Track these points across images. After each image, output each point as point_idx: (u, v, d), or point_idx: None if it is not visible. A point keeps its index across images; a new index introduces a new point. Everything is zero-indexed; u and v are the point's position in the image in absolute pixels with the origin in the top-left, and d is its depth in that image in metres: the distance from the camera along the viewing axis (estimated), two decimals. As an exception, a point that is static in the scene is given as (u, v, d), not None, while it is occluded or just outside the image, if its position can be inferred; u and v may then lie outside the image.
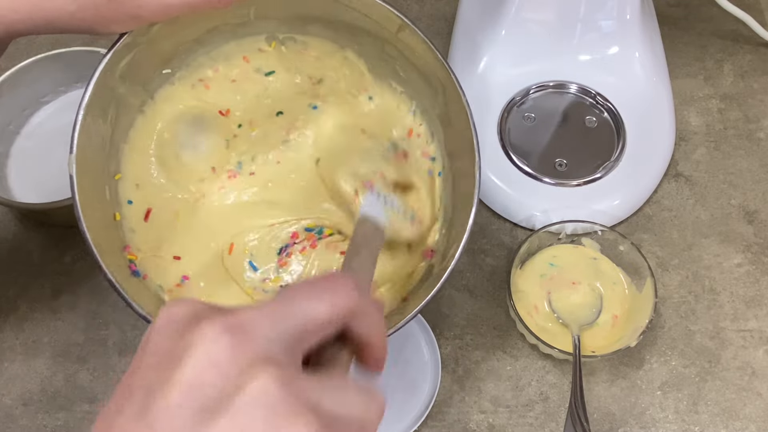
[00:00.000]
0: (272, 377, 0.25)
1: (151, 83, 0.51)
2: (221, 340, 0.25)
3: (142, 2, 0.41)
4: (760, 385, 0.57)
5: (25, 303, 0.60)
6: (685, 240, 0.63)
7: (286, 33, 0.53)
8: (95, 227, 0.44)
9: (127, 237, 0.50)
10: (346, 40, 0.53)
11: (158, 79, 0.51)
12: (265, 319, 0.26)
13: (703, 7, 0.76)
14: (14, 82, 0.63)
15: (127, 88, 0.48)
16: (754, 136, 0.69)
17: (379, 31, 0.50)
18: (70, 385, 0.57)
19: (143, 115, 0.51)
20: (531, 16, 0.67)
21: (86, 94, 0.44)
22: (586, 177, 0.64)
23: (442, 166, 0.53)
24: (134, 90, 0.50)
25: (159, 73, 0.51)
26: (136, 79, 0.49)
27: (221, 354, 0.25)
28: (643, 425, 0.55)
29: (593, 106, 0.68)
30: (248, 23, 0.52)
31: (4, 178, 0.63)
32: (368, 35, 0.51)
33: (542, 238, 0.60)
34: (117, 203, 0.49)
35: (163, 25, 0.46)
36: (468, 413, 0.56)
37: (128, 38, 0.45)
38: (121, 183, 0.50)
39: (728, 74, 0.72)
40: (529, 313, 0.57)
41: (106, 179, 0.48)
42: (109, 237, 0.47)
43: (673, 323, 0.59)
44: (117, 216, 0.49)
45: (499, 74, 0.68)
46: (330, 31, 0.52)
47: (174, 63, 0.52)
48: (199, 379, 0.24)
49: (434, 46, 0.48)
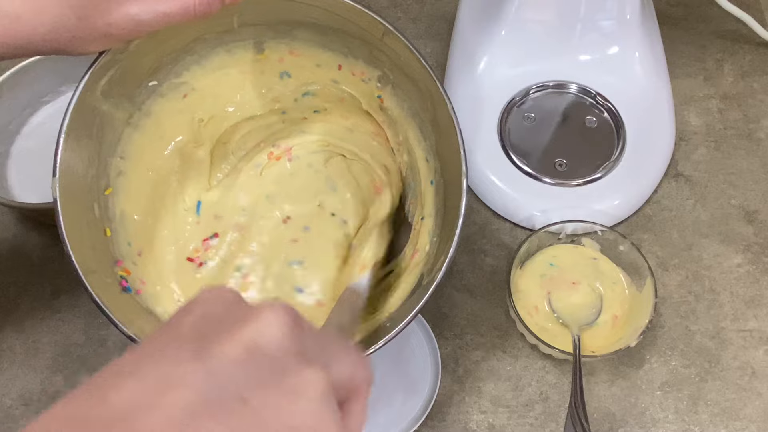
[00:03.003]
0: (326, 380, 0.25)
1: (138, 96, 0.50)
2: (286, 318, 0.25)
3: (112, 21, 0.40)
4: (760, 385, 0.57)
5: (25, 303, 0.61)
6: (685, 240, 0.63)
7: (273, 38, 0.53)
8: (84, 248, 0.44)
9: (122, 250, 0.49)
10: (335, 44, 0.52)
11: (145, 91, 0.51)
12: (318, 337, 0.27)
13: (703, 7, 0.76)
14: (14, 82, 0.63)
15: (111, 104, 0.48)
16: (754, 136, 0.69)
17: (366, 37, 0.50)
18: (70, 385, 0.57)
19: (132, 128, 0.51)
20: (531, 16, 0.67)
21: (66, 118, 0.44)
22: (586, 177, 0.64)
23: (435, 172, 0.53)
24: (120, 104, 0.49)
25: (145, 85, 0.51)
26: (120, 93, 0.48)
27: (285, 329, 0.25)
28: (643, 425, 0.55)
29: (593, 106, 0.68)
30: (233, 30, 0.52)
31: (4, 178, 0.63)
32: (356, 39, 0.51)
33: (542, 238, 0.60)
34: (107, 218, 0.49)
35: (144, 40, 0.45)
36: (468, 413, 0.56)
37: (107, 56, 0.45)
38: (113, 197, 0.49)
39: (728, 74, 0.72)
40: (529, 313, 0.57)
41: (95, 196, 0.48)
42: (99, 254, 0.47)
43: (673, 323, 0.59)
44: (107, 232, 0.48)
45: (499, 74, 0.68)
46: (318, 35, 0.52)
47: (160, 74, 0.51)
48: (264, 342, 0.24)
49: (417, 51, 0.47)
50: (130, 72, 0.48)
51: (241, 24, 0.51)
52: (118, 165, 0.50)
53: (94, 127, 0.47)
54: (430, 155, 0.53)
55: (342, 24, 0.49)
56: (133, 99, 0.50)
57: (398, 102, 0.54)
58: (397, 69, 0.51)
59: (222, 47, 0.53)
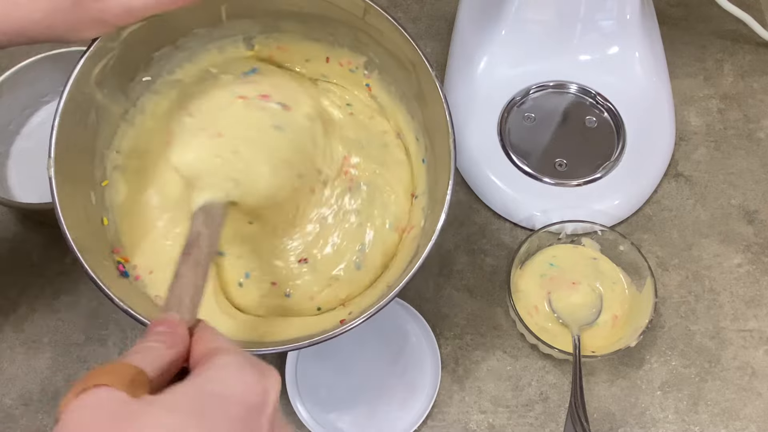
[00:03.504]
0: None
1: (132, 91, 0.51)
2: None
3: (105, 6, 0.41)
4: (760, 385, 0.57)
5: (25, 303, 0.61)
6: (685, 240, 0.63)
7: (260, 32, 0.53)
8: (80, 230, 0.45)
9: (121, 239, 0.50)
10: (320, 33, 0.53)
11: (139, 87, 0.51)
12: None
13: (703, 7, 0.76)
14: (14, 82, 0.63)
15: (105, 95, 0.48)
16: (754, 136, 0.69)
17: (349, 19, 0.50)
18: (71, 385, 0.57)
19: (127, 124, 0.51)
20: (531, 16, 0.67)
21: (61, 100, 0.45)
22: (586, 177, 0.64)
23: (425, 150, 0.53)
24: (114, 98, 0.50)
25: (139, 80, 0.51)
26: (114, 85, 0.49)
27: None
28: (643, 425, 0.55)
29: (593, 106, 0.68)
30: (222, 25, 0.52)
31: (4, 178, 0.63)
32: (340, 25, 0.51)
33: (542, 238, 0.60)
34: (104, 208, 0.49)
35: (134, 30, 0.46)
36: (468, 413, 0.56)
37: (99, 43, 0.45)
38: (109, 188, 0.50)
39: (728, 74, 0.72)
40: (529, 313, 0.57)
41: (91, 185, 0.49)
42: (96, 240, 0.48)
43: (673, 323, 0.59)
44: (105, 221, 0.49)
45: (499, 74, 0.68)
46: (302, 24, 0.53)
47: (153, 70, 0.52)
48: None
49: (399, 23, 0.48)
50: (123, 63, 0.48)
51: (229, 16, 0.52)
52: (114, 159, 0.51)
53: (90, 117, 0.48)
54: (420, 133, 0.54)
55: (325, 9, 0.50)
56: (128, 94, 0.51)
57: (385, 86, 0.55)
58: (382, 49, 0.52)
59: (213, 44, 0.53)
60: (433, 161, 0.52)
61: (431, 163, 0.53)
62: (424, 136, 0.53)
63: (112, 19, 0.42)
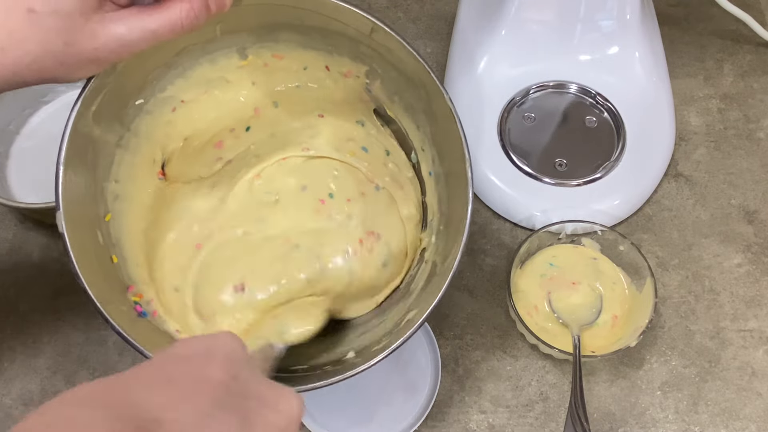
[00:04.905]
0: None
1: (126, 117, 0.50)
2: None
3: (98, 44, 0.39)
4: (760, 385, 0.57)
5: (25, 303, 0.61)
6: (685, 240, 0.63)
7: (255, 43, 0.52)
8: (96, 278, 0.44)
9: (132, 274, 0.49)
10: (318, 43, 0.52)
11: (132, 110, 0.50)
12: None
13: (703, 7, 0.76)
14: (14, 82, 0.63)
15: (102, 128, 0.47)
16: (754, 136, 0.69)
17: (352, 33, 0.49)
18: (70, 385, 0.57)
19: (123, 149, 0.50)
20: (531, 16, 0.67)
21: (62, 149, 0.43)
22: (586, 177, 0.64)
23: (432, 162, 0.53)
24: (110, 127, 0.48)
25: (132, 104, 0.50)
26: (110, 116, 0.48)
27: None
28: (643, 425, 0.55)
29: (593, 106, 0.68)
30: (216, 39, 0.51)
31: (4, 178, 0.63)
32: (341, 37, 0.50)
33: (542, 238, 0.60)
34: (111, 245, 0.48)
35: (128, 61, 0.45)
36: (468, 413, 0.56)
37: (95, 81, 0.44)
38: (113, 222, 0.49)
39: (728, 74, 0.73)
40: (529, 313, 0.57)
41: (97, 224, 0.47)
42: (111, 284, 0.47)
43: (673, 323, 0.59)
44: (114, 258, 0.48)
45: (499, 74, 0.68)
46: (300, 35, 0.51)
47: (146, 92, 0.50)
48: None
49: (408, 43, 0.47)
50: (118, 93, 0.47)
51: (224, 32, 0.51)
52: (114, 189, 0.49)
53: (88, 154, 0.46)
54: (426, 145, 0.53)
55: (326, 23, 0.49)
56: (122, 120, 0.49)
57: (389, 95, 0.54)
58: (386, 63, 0.51)
59: (205, 57, 0.52)
60: (441, 176, 0.52)
61: (439, 176, 0.52)
62: (432, 148, 0.53)
63: (108, 56, 0.40)
